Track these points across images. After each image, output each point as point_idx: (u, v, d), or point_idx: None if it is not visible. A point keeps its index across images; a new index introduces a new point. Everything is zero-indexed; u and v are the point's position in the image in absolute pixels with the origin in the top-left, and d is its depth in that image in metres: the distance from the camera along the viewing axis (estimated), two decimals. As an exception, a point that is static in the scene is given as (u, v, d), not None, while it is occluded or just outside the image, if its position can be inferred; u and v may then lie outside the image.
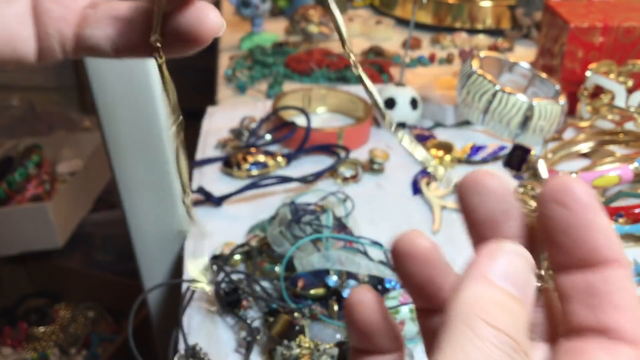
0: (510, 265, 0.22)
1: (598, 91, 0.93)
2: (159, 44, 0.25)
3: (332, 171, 0.83)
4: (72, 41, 0.26)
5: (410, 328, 0.57)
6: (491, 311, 0.21)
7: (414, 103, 0.93)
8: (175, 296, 0.73)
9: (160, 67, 0.26)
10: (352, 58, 0.26)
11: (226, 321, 0.62)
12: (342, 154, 0.86)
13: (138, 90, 0.65)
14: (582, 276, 0.23)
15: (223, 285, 0.62)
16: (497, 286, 0.21)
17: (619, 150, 0.86)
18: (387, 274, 0.62)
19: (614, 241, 0.22)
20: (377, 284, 0.62)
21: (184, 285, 0.65)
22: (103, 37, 0.26)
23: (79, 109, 1.65)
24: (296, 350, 0.55)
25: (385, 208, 0.78)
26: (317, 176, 0.81)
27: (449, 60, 1.22)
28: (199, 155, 0.91)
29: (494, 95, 0.87)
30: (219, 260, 0.66)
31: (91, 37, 0.26)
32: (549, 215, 0.22)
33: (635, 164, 0.75)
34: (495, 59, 0.99)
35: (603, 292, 0.22)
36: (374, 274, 0.62)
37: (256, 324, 0.60)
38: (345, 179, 0.83)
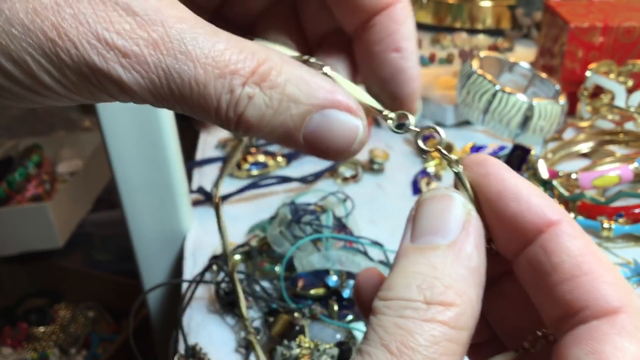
0: (426, 217, 0.21)
1: (598, 91, 0.93)
2: (217, 201, 0.27)
3: (332, 171, 0.83)
4: None
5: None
6: (385, 290, 0.20)
7: (414, 103, 0.93)
8: (175, 296, 0.73)
9: (217, 210, 0.28)
10: None
11: (226, 321, 0.61)
12: (342, 154, 0.86)
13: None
14: (526, 254, 0.21)
15: (223, 285, 0.62)
16: (412, 248, 0.20)
17: (619, 150, 0.86)
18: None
19: (542, 201, 0.20)
20: (377, 284, 0.62)
21: (184, 285, 0.65)
22: None
23: (79, 109, 1.65)
24: (296, 350, 0.55)
25: (385, 208, 0.78)
26: (317, 176, 0.81)
27: (449, 60, 1.22)
28: (199, 155, 0.91)
29: (494, 95, 0.87)
30: (219, 260, 0.66)
31: None
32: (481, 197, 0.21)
33: (635, 164, 0.75)
34: (495, 59, 0.99)
35: (547, 265, 0.20)
36: (374, 274, 0.62)
37: (256, 324, 0.60)
38: (345, 179, 0.83)
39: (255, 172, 0.84)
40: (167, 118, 0.67)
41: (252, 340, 0.29)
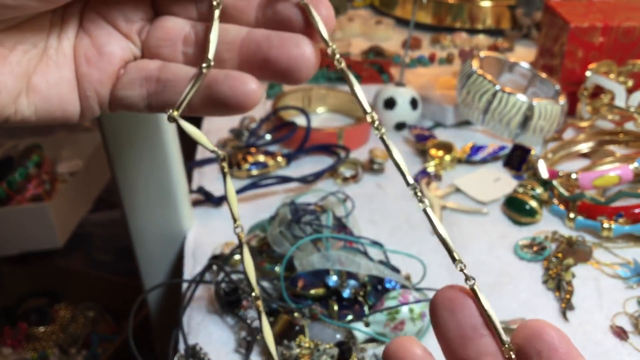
0: None
1: (598, 91, 0.93)
2: (222, 156, 0.28)
3: (332, 171, 0.83)
4: (108, 100, 0.28)
5: (410, 328, 0.57)
6: None
7: (414, 103, 0.93)
8: (175, 296, 0.73)
9: (224, 175, 0.28)
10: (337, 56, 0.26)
11: (226, 321, 0.62)
12: (342, 154, 0.86)
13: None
14: None
15: (223, 285, 0.62)
16: None
17: (619, 150, 0.86)
18: (387, 274, 0.62)
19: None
20: (377, 284, 0.62)
21: (184, 285, 0.65)
22: (137, 96, 0.27)
23: (79, 109, 1.65)
24: (296, 350, 0.55)
25: (385, 208, 0.78)
26: (317, 176, 0.81)
27: (449, 60, 1.22)
28: (199, 155, 0.91)
29: (494, 95, 0.87)
30: (219, 260, 0.66)
31: (126, 97, 0.28)
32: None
33: (635, 164, 0.75)
34: (495, 59, 0.99)
35: None
36: (373, 274, 0.62)
37: (256, 324, 0.60)
38: (345, 179, 0.83)
39: (255, 172, 0.84)
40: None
41: (257, 305, 0.29)
